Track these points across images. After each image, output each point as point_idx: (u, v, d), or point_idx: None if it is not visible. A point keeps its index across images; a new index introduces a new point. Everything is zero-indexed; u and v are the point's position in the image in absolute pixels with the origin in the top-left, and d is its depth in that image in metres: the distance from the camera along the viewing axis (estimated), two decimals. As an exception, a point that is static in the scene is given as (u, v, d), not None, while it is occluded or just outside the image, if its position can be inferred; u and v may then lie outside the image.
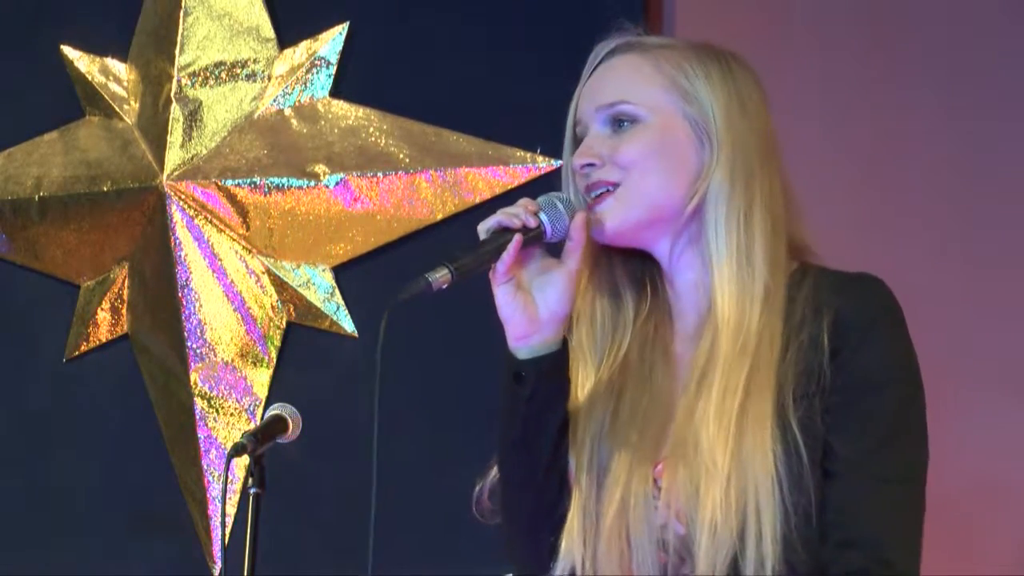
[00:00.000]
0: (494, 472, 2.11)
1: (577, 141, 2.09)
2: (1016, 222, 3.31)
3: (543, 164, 3.40)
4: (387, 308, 1.91)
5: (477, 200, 3.45)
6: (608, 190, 2.03)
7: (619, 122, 2.05)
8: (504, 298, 2.01)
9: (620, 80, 2.07)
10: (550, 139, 3.44)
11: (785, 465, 1.92)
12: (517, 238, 1.99)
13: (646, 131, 2.04)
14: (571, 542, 2.01)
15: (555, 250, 2.06)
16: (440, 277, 1.96)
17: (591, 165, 2.04)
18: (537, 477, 2.03)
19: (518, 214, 2.00)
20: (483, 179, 3.45)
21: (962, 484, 3.21)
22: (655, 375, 2.05)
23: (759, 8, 3.44)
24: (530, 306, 2.00)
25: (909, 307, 2.03)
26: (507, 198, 3.42)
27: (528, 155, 3.43)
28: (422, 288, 1.95)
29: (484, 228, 2.01)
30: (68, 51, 3.65)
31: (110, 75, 3.65)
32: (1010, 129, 3.32)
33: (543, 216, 2.01)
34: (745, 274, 2.00)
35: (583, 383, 2.07)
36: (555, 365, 2.02)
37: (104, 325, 3.60)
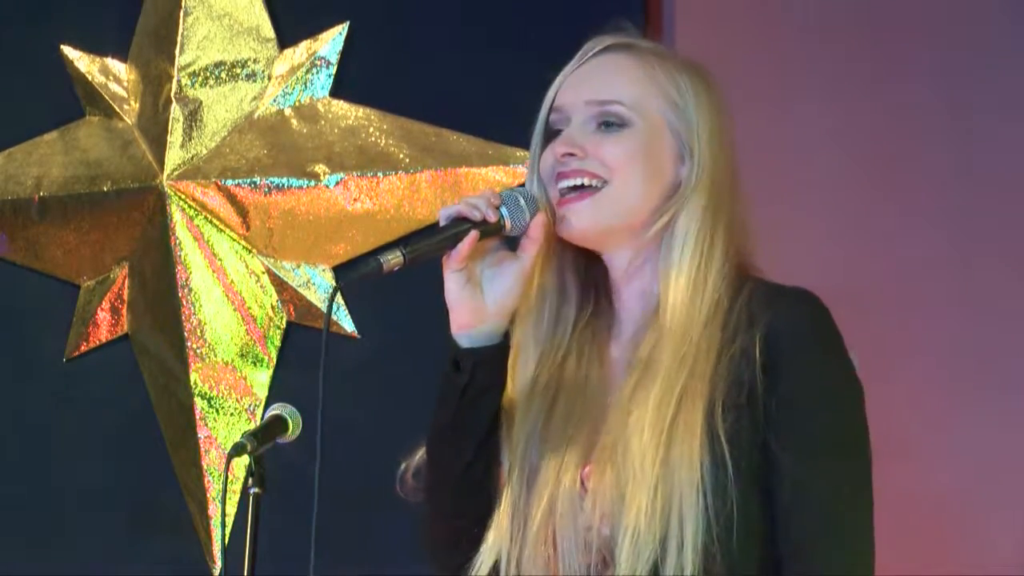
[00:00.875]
0: (421, 453, 2.13)
1: (551, 130, 2.09)
2: (1016, 222, 3.31)
3: (543, 164, 3.40)
4: (337, 286, 1.94)
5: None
6: (584, 184, 2.03)
7: (607, 122, 2.05)
8: (453, 286, 2.02)
9: (614, 79, 2.07)
10: (550, 139, 3.46)
11: (711, 475, 1.92)
12: (473, 234, 2.00)
13: (634, 136, 2.05)
14: (498, 538, 2.03)
15: (511, 242, 2.06)
16: (392, 259, 1.96)
17: (571, 155, 2.04)
18: (461, 465, 2.05)
19: (479, 206, 2.00)
20: (483, 179, 3.45)
21: (962, 484, 3.21)
22: (590, 379, 2.06)
23: (759, 8, 3.44)
24: (477, 297, 2.02)
25: (909, 306, 2.04)
26: (507, 198, 3.42)
27: (528, 155, 3.42)
28: (372, 269, 1.96)
29: (445, 215, 2.01)
30: (68, 51, 3.65)
31: (110, 75, 3.64)
32: (1010, 129, 3.32)
33: (504, 211, 2.02)
34: (698, 292, 2.01)
35: (519, 380, 2.09)
36: (494, 357, 2.04)
37: (104, 325, 3.60)
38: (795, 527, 1.95)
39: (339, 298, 3.50)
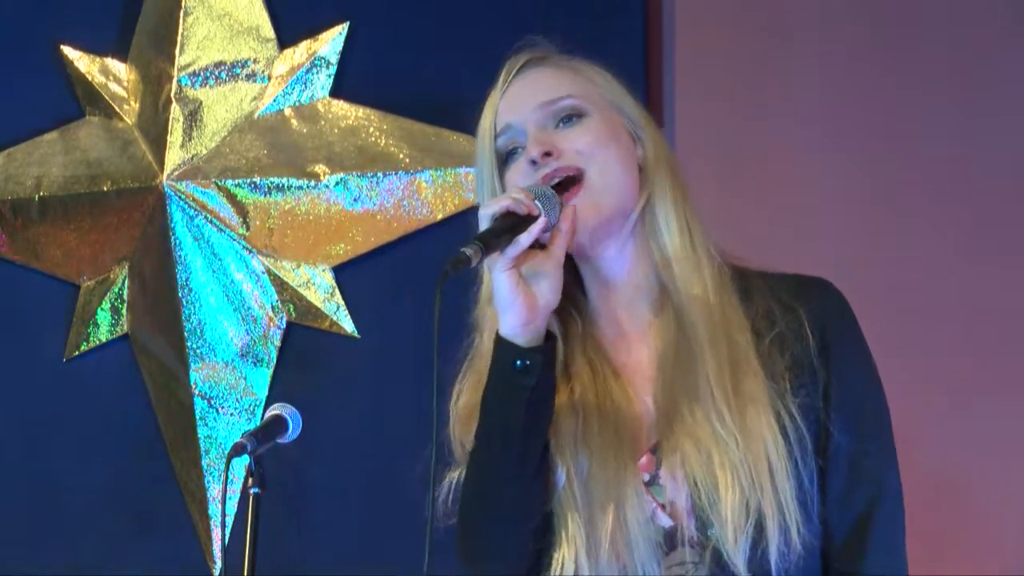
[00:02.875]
0: (455, 474, 2.09)
1: (502, 152, 2.08)
2: (1017, 222, 3.31)
3: (543, 164, 3.41)
4: (438, 282, 1.87)
5: (477, 200, 3.45)
6: (572, 178, 2.02)
7: (565, 117, 2.06)
8: (507, 285, 1.97)
9: (551, 82, 2.09)
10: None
11: (795, 440, 1.97)
12: (542, 221, 1.96)
13: (594, 122, 2.06)
14: (569, 545, 2.00)
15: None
16: (473, 251, 1.92)
17: (548, 155, 2.03)
18: (528, 471, 2.01)
19: (523, 200, 1.97)
20: (483, 179, 3.45)
21: (963, 484, 3.21)
22: (609, 385, 2.05)
23: (759, 8, 3.44)
24: (529, 294, 1.98)
25: (908, 306, 2.05)
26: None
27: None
28: (463, 259, 1.91)
29: (489, 213, 1.97)
30: (68, 51, 3.65)
31: (110, 75, 3.64)
32: (1010, 128, 3.32)
33: (538, 204, 1.99)
34: (695, 260, 2.04)
35: None
36: (553, 356, 2.01)
37: (104, 325, 3.60)
38: (855, 500, 2.00)
39: (339, 298, 3.51)
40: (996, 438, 3.24)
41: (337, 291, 3.51)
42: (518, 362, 1.97)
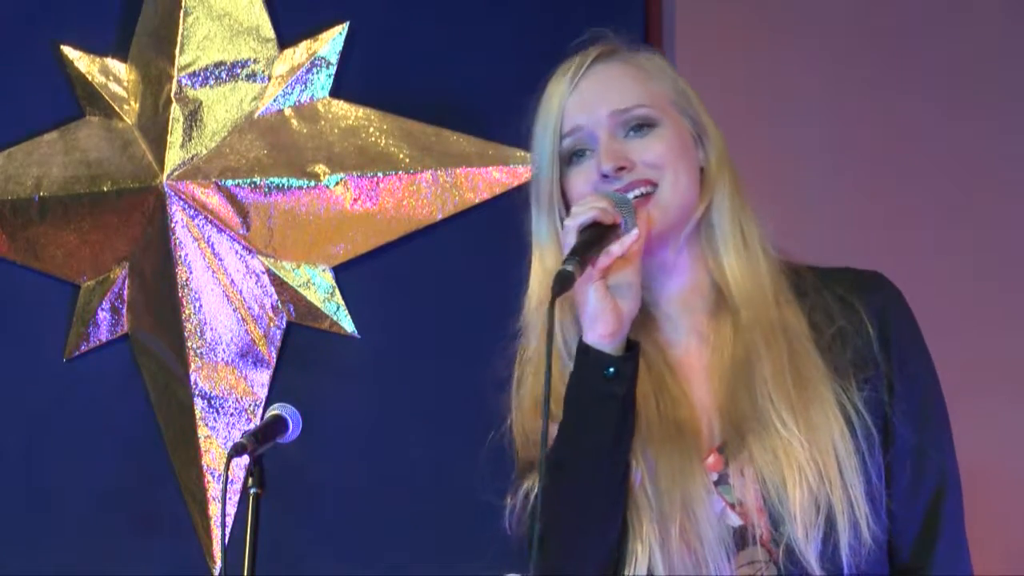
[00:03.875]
0: (529, 484, 2.07)
1: (567, 153, 2.07)
2: (1016, 222, 3.31)
3: (543, 164, 3.41)
4: (550, 302, 1.87)
5: (477, 200, 3.45)
6: (644, 192, 2.02)
7: (637, 127, 2.05)
8: (596, 295, 1.97)
9: (622, 85, 2.07)
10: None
11: (862, 435, 1.97)
12: (635, 232, 1.97)
13: (665, 132, 2.05)
14: (644, 543, 1.99)
15: None
16: (574, 268, 1.91)
17: (622, 168, 2.02)
18: (617, 479, 1.99)
19: (608, 208, 1.97)
20: (483, 179, 3.45)
21: (965, 484, 3.21)
22: (666, 382, 2.05)
23: (759, 8, 3.44)
24: (616, 304, 1.97)
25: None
26: (507, 198, 3.42)
27: (528, 155, 3.41)
28: (568, 278, 1.90)
29: (575, 224, 1.96)
30: (68, 51, 3.65)
31: (110, 75, 3.64)
32: (1010, 129, 3.32)
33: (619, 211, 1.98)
34: (752, 261, 2.05)
35: None
36: (638, 365, 2.01)
37: (104, 325, 3.60)
38: (922, 493, 2.01)
39: (339, 298, 3.51)
40: (998, 436, 3.23)
41: (337, 291, 3.51)
42: (610, 370, 1.97)
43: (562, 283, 1.89)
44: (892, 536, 2.01)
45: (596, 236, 1.95)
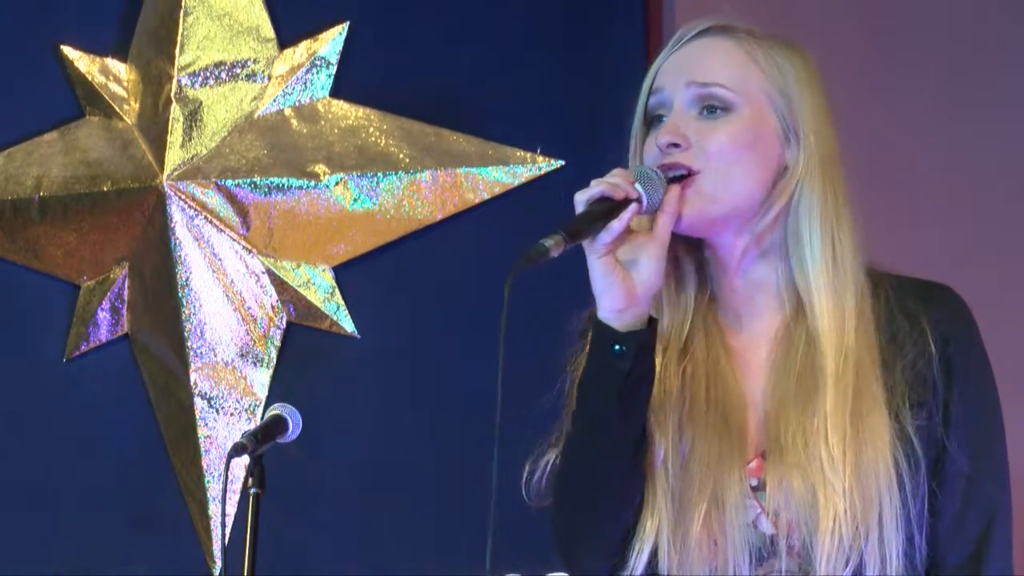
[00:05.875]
0: (552, 454, 2.05)
1: (651, 114, 2.03)
2: (1016, 222, 3.31)
3: (543, 164, 3.40)
4: (511, 273, 1.83)
5: (477, 200, 3.45)
6: (684, 175, 1.97)
7: (711, 107, 1.99)
8: (603, 270, 1.93)
9: (714, 61, 2.02)
10: (550, 139, 3.46)
11: (908, 474, 1.93)
12: (633, 207, 1.92)
13: (738, 121, 1.99)
14: (656, 524, 1.97)
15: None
16: (554, 243, 1.87)
17: (676, 145, 1.98)
18: (624, 455, 1.97)
19: (619, 184, 1.92)
20: (483, 179, 3.45)
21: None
22: (720, 367, 2.02)
23: (759, 7, 3.43)
24: (627, 279, 1.93)
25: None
26: (507, 198, 3.43)
27: (528, 155, 3.43)
28: (539, 252, 1.86)
29: (584, 198, 1.92)
30: (68, 51, 3.64)
31: (110, 75, 3.64)
32: (1010, 129, 3.32)
33: (639, 187, 1.94)
34: (839, 283, 1.99)
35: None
36: (651, 341, 1.97)
37: (104, 325, 3.60)
38: (969, 523, 1.97)
39: (339, 298, 3.51)
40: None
41: (337, 291, 3.51)
42: (616, 347, 1.94)
43: (530, 257, 1.86)
44: (933, 564, 1.96)
45: (604, 211, 1.91)
